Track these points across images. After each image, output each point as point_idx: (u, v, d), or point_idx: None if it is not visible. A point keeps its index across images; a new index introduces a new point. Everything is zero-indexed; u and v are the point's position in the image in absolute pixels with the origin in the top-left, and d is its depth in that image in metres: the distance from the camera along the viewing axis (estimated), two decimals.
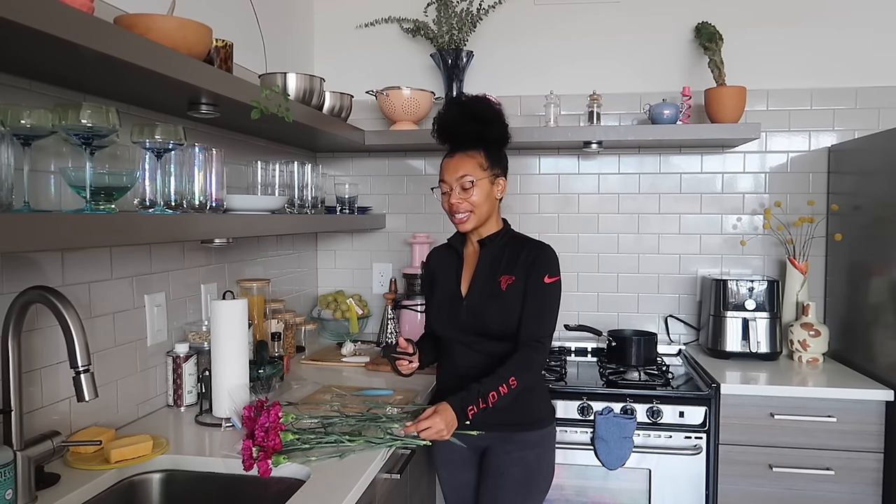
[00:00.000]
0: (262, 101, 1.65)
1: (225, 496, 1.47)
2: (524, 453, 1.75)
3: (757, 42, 2.62)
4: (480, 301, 1.75)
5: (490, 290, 1.74)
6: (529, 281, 1.72)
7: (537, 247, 1.77)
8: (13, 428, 1.24)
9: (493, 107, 1.78)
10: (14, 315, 1.24)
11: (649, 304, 2.77)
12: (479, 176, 1.72)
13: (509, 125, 1.80)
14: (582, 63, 2.74)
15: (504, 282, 1.73)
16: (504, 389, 1.62)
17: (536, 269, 1.72)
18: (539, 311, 1.72)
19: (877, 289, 2.20)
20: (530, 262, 1.73)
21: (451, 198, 1.73)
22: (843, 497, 2.08)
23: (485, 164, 1.73)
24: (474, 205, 1.72)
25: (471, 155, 1.73)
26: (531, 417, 1.77)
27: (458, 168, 1.72)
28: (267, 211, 1.82)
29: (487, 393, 1.61)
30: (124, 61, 1.15)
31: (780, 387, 2.12)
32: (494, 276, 1.75)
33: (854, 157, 2.44)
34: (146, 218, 1.24)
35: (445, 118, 1.79)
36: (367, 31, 2.85)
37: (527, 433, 1.76)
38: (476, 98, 1.82)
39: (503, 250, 1.78)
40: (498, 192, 1.78)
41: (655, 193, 2.75)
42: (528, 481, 1.75)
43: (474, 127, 1.73)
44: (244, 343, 1.74)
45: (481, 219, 1.75)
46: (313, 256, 2.97)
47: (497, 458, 1.76)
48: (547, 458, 1.80)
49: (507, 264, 1.76)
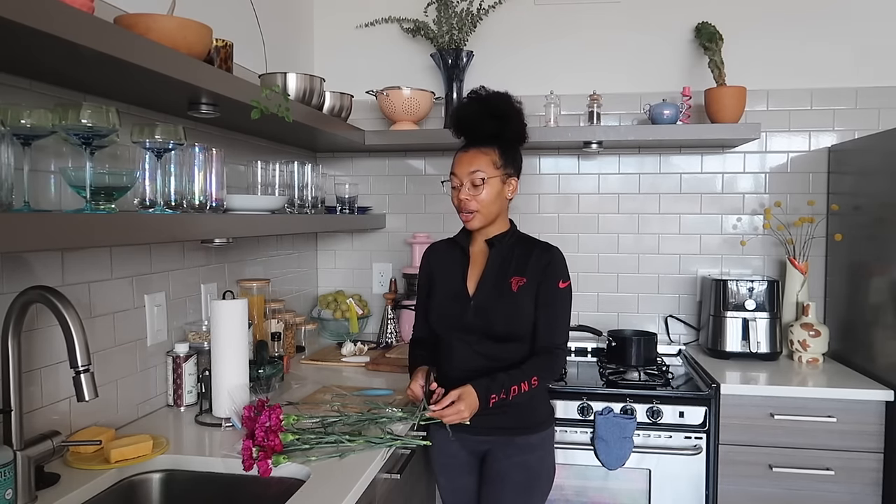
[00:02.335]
0: (262, 101, 1.64)
1: (225, 496, 1.47)
2: (526, 457, 1.74)
3: (757, 42, 2.62)
4: (489, 302, 1.72)
5: (500, 291, 1.72)
6: (543, 287, 1.71)
7: (548, 250, 1.75)
8: (13, 428, 1.24)
9: (513, 104, 1.74)
10: (14, 315, 1.24)
11: (649, 304, 2.77)
12: (492, 174, 1.69)
13: (528, 124, 1.78)
14: (582, 63, 2.74)
15: (515, 283, 1.71)
16: (525, 386, 1.62)
17: (550, 275, 1.71)
18: (556, 318, 1.72)
19: (877, 289, 2.20)
20: (543, 267, 1.71)
21: (460, 193, 1.71)
22: (843, 497, 2.08)
23: (498, 161, 1.71)
24: (482, 203, 1.69)
25: (485, 151, 1.70)
26: (532, 420, 1.76)
27: (472, 163, 1.70)
28: (267, 211, 1.82)
29: (511, 386, 1.61)
30: (124, 61, 1.15)
31: (780, 387, 2.12)
32: (505, 278, 1.73)
33: (854, 157, 2.44)
34: (146, 218, 1.24)
35: (464, 112, 1.76)
36: (367, 31, 2.85)
37: (527, 436, 1.74)
38: (497, 94, 1.75)
39: (512, 251, 1.76)
40: (509, 192, 1.75)
41: (655, 193, 2.75)
42: (530, 485, 1.74)
43: (492, 123, 1.70)
44: (244, 343, 1.74)
45: (489, 218, 1.73)
46: (313, 256, 2.97)
47: (498, 462, 1.75)
48: (548, 460, 1.79)
49: (517, 266, 1.73)
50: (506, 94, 1.76)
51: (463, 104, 1.78)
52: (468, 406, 1.57)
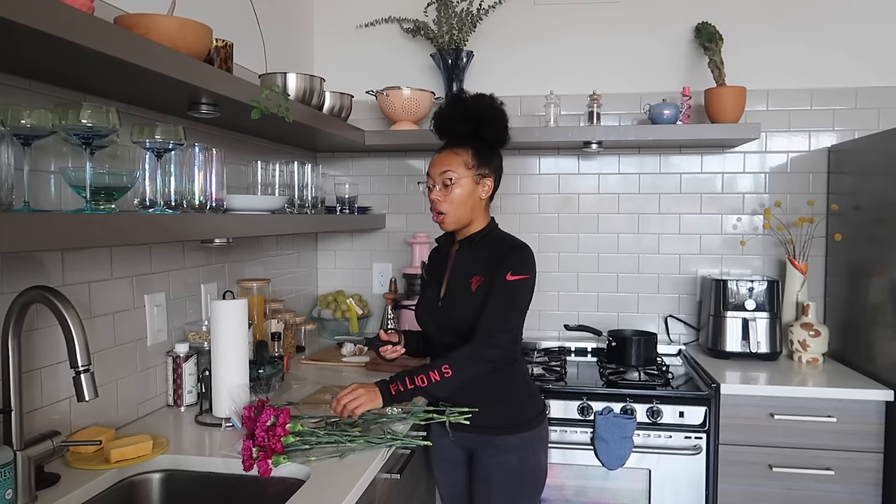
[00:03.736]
0: (262, 101, 1.64)
1: (225, 496, 1.47)
2: (506, 457, 1.72)
3: (757, 42, 2.62)
4: (454, 302, 1.75)
5: (462, 291, 1.73)
6: (493, 278, 1.68)
7: (509, 247, 1.72)
8: (13, 428, 1.24)
9: (492, 106, 1.74)
10: (14, 315, 1.24)
11: (649, 304, 2.77)
12: (462, 174, 1.70)
13: (510, 127, 1.77)
14: (582, 63, 2.74)
15: (475, 283, 1.71)
16: (435, 376, 1.60)
17: (501, 267, 1.68)
18: (496, 307, 1.66)
19: (877, 289, 2.20)
20: (496, 261, 1.69)
21: (431, 194, 1.73)
22: (843, 497, 2.08)
23: (471, 162, 1.71)
24: (452, 203, 1.70)
25: (457, 152, 1.72)
26: (511, 421, 1.74)
27: (443, 164, 1.71)
28: (267, 211, 1.82)
29: (415, 375, 1.61)
30: (124, 61, 1.15)
31: (780, 387, 2.12)
32: (468, 278, 1.73)
33: (854, 157, 2.44)
34: (146, 218, 1.24)
35: (441, 113, 1.78)
36: (367, 31, 2.85)
37: (506, 437, 1.72)
38: (478, 96, 1.76)
39: (479, 251, 1.75)
40: (483, 192, 1.74)
41: (655, 193, 2.75)
42: (514, 485, 1.74)
43: (466, 125, 1.71)
44: (244, 343, 1.74)
45: (460, 219, 1.73)
46: (313, 256, 2.97)
47: (480, 462, 1.76)
48: (532, 461, 1.75)
49: (481, 265, 1.72)
50: (488, 96, 1.77)
51: (443, 106, 1.80)
52: (366, 394, 1.59)
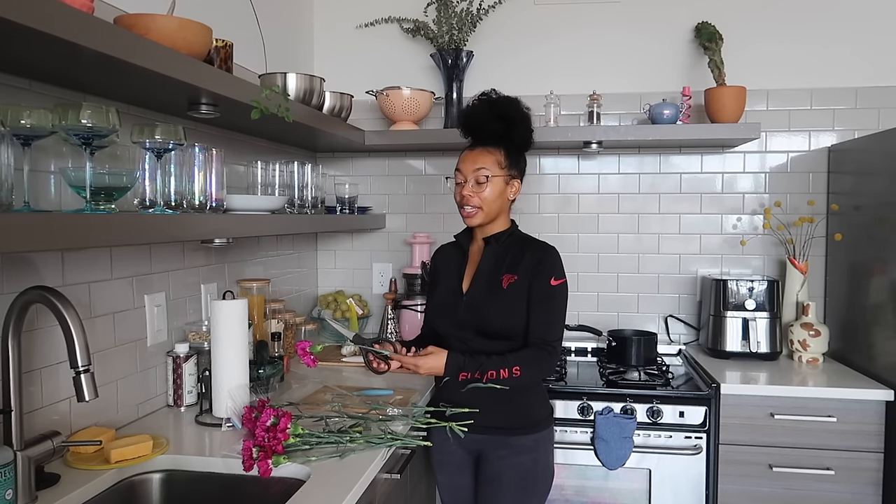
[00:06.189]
0: (262, 101, 1.64)
1: (225, 496, 1.47)
2: (520, 458, 1.74)
3: (757, 42, 2.62)
4: (480, 298, 1.75)
5: (491, 287, 1.74)
6: (535, 284, 1.72)
7: (542, 249, 1.77)
8: (13, 428, 1.24)
9: (521, 109, 1.79)
10: (14, 315, 1.24)
11: (649, 304, 2.77)
12: (496, 173, 1.73)
13: (534, 130, 1.81)
14: (582, 63, 2.74)
15: (506, 280, 1.73)
16: (505, 373, 1.63)
17: (542, 272, 1.72)
18: (547, 314, 1.72)
19: (877, 289, 2.20)
20: (535, 265, 1.73)
21: (463, 189, 1.74)
22: (843, 497, 2.08)
23: (503, 162, 1.75)
24: (484, 200, 1.73)
25: (491, 151, 1.75)
26: (526, 421, 1.76)
27: (477, 161, 1.74)
28: (267, 211, 1.82)
29: (487, 369, 1.63)
30: (124, 61, 1.15)
31: (780, 387, 2.12)
32: (497, 275, 1.75)
33: (854, 157, 2.44)
34: (146, 218, 1.24)
35: (472, 112, 1.80)
36: (367, 31, 2.85)
37: (521, 437, 1.74)
38: (507, 98, 1.81)
39: (507, 249, 1.79)
40: (511, 193, 1.79)
41: (655, 193, 2.75)
42: (526, 486, 1.74)
43: (499, 125, 1.74)
44: (244, 343, 1.74)
45: (489, 216, 1.76)
46: (313, 256, 2.97)
47: (491, 464, 1.76)
48: (543, 461, 1.79)
49: (511, 264, 1.76)
50: (515, 98, 1.82)
51: (472, 105, 1.82)
52: (426, 366, 1.64)
